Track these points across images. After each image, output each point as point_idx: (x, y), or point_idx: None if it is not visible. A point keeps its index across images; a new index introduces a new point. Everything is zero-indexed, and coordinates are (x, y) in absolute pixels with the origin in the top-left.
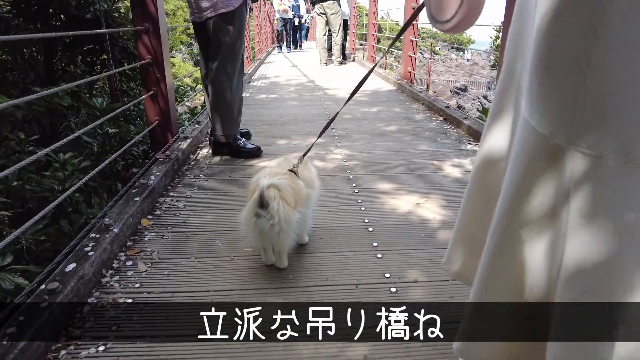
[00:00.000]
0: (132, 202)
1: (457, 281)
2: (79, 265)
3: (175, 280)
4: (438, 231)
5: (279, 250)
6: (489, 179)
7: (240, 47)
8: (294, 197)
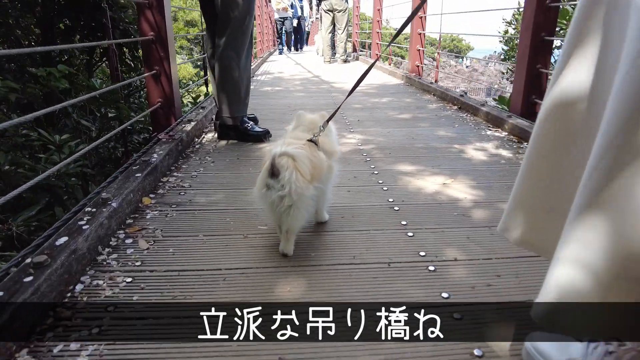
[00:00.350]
0: (132, 178)
1: (500, 259)
2: (71, 239)
3: (182, 258)
4: (472, 210)
5: (287, 229)
6: (568, 121)
7: (249, 23)
8: (311, 171)
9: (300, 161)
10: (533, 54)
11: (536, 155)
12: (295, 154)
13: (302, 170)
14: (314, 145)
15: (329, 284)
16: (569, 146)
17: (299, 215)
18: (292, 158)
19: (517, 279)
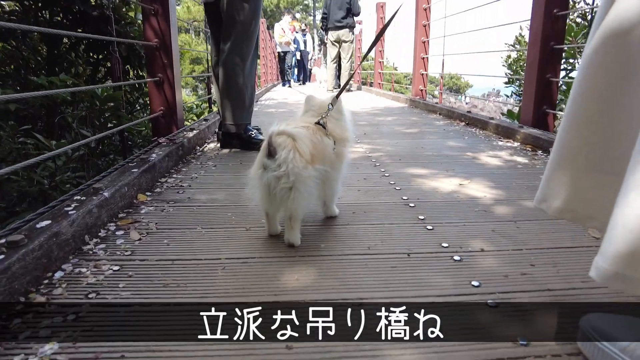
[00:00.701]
0: (128, 172)
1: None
2: (54, 222)
3: (177, 248)
4: (494, 207)
5: (290, 215)
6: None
7: (255, 29)
8: (312, 151)
9: (300, 140)
10: (542, 63)
11: (582, 101)
12: (295, 132)
13: (301, 149)
14: (322, 128)
15: (342, 273)
16: (623, 84)
17: (300, 198)
18: (291, 137)
19: (554, 268)
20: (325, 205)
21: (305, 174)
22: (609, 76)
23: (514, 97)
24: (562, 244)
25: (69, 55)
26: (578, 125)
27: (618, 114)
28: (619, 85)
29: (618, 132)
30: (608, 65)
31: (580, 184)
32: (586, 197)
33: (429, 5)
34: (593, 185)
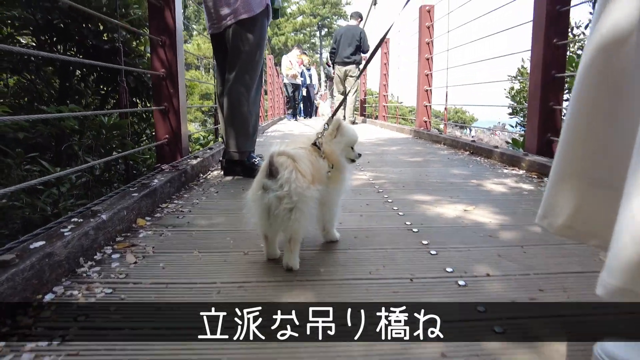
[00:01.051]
0: (128, 197)
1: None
2: (48, 243)
3: (173, 272)
4: (499, 232)
5: (290, 237)
6: (617, 62)
7: (259, 59)
8: (312, 172)
9: (300, 161)
10: (545, 91)
11: (579, 115)
12: (294, 153)
13: (302, 169)
14: (317, 149)
15: (341, 298)
16: (617, 98)
17: (301, 219)
18: (291, 158)
19: (564, 294)
20: (325, 229)
21: (308, 194)
22: (605, 89)
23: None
24: (571, 269)
25: (79, 86)
26: (575, 141)
27: (614, 128)
28: (613, 100)
29: (615, 146)
30: (604, 78)
31: (580, 199)
32: (587, 213)
33: (431, 39)
34: (593, 201)
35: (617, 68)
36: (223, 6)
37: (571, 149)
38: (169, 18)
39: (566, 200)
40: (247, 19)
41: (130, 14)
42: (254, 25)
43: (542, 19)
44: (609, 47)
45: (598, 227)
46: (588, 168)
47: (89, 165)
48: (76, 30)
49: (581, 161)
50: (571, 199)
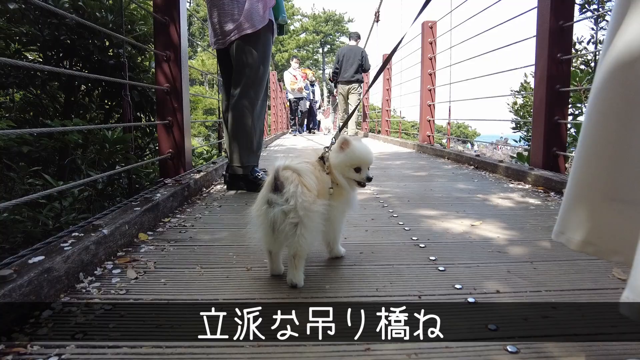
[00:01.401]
0: (130, 211)
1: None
2: (48, 258)
3: (174, 288)
4: (508, 247)
5: (295, 253)
6: (635, 79)
7: (264, 74)
8: (317, 186)
9: (306, 175)
10: (549, 105)
11: (596, 131)
12: (300, 167)
13: (307, 184)
14: (322, 164)
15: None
16: (638, 111)
17: (306, 234)
18: (296, 172)
19: (578, 311)
20: (329, 245)
21: (314, 209)
22: (622, 105)
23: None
24: (584, 286)
25: (84, 100)
26: (593, 154)
27: (635, 141)
28: (634, 112)
29: (636, 160)
30: (621, 95)
31: (600, 215)
32: (608, 229)
33: (434, 55)
34: (614, 216)
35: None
36: (227, 22)
37: (589, 163)
38: (174, 34)
39: (585, 216)
40: (250, 34)
41: (136, 30)
42: (257, 41)
43: (546, 35)
44: (630, 58)
45: (620, 244)
46: (607, 182)
47: (92, 179)
48: (82, 46)
49: (600, 175)
50: (590, 214)
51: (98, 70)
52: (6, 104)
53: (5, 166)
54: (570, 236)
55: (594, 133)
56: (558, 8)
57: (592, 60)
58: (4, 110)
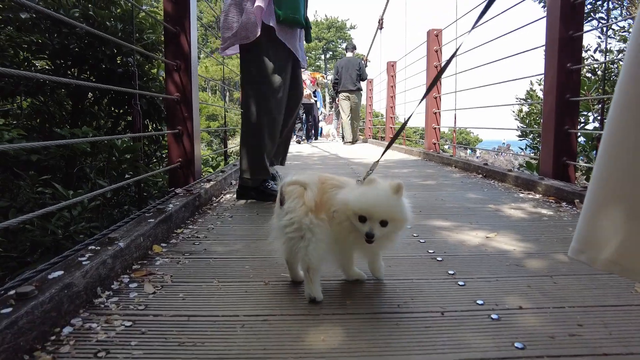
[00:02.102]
0: (144, 223)
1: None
2: (67, 273)
3: (193, 303)
4: (526, 261)
5: (307, 267)
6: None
7: (272, 84)
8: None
9: (310, 189)
10: (559, 115)
11: (621, 138)
12: (307, 180)
13: (306, 197)
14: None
15: (372, 334)
16: None
17: (309, 247)
18: (303, 186)
19: (606, 329)
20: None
21: (306, 221)
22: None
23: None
24: (607, 302)
25: (92, 109)
26: (616, 166)
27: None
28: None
29: None
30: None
31: (625, 232)
32: (634, 248)
33: (439, 62)
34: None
35: None
36: (226, 30)
37: (612, 176)
38: (184, 43)
39: (609, 233)
40: (247, 44)
41: (145, 38)
42: (257, 51)
43: (555, 44)
44: None
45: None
46: (633, 197)
47: (105, 190)
48: (91, 54)
49: (624, 189)
50: (615, 231)
51: (106, 79)
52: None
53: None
54: (592, 255)
55: (619, 143)
56: (568, 18)
57: (599, 68)
58: (12, 117)
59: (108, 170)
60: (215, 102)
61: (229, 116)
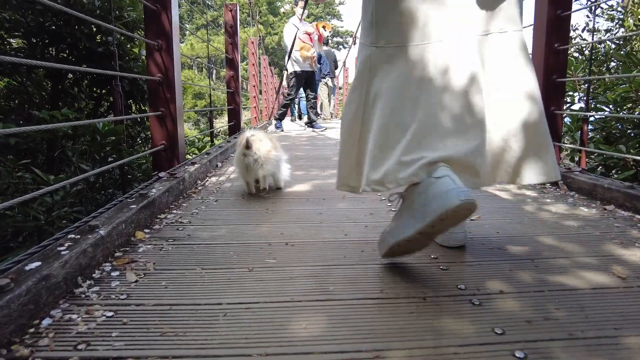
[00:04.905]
0: (126, 209)
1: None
2: (45, 264)
3: (175, 291)
4: (508, 245)
5: (263, 175)
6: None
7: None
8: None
9: (264, 139)
10: (546, 96)
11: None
12: (258, 134)
13: (264, 142)
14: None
15: (355, 321)
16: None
17: (267, 168)
18: (257, 138)
19: (582, 312)
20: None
21: (267, 157)
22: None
23: None
24: (585, 285)
25: (72, 90)
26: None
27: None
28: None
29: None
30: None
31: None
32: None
33: None
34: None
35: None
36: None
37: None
38: (165, 22)
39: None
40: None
41: (125, 16)
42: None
43: (544, 24)
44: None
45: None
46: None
47: (87, 175)
48: (69, 33)
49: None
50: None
51: (86, 58)
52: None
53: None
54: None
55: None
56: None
57: (586, 47)
58: None
59: (90, 154)
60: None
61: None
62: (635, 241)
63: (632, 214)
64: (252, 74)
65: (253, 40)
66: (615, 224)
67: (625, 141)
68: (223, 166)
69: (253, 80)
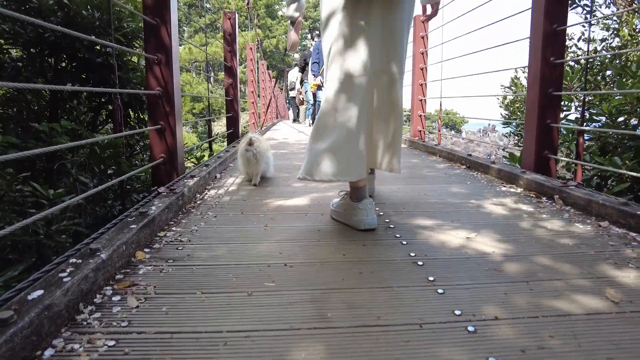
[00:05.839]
0: (127, 229)
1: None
2: (47, 292)
3: (176, 318)
4: (504, 264)
5: (256, 173)
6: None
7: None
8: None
9: (263, 140)
10: (542, 109)
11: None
12: (258, 136)
13: (263, 143)
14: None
15: (353, 350)
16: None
17: (262, 163)
18: (258, 139)
19: (575, 341)
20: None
21: (267, 154)
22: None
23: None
24: (578, 311)
25: (72, 102)
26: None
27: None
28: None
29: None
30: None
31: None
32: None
33: (425, 49)
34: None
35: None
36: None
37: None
38: (165, 36)
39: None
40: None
41: (124, 26)
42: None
43: (539, 38)
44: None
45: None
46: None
47: (89, 194)
48: (68, 44)
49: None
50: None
51: (85, 68)
52: None
53: None
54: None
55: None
56: (552, 11)
57: (582, 56)
58: None
59: (89, 166)
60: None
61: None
62: (629, 261)
63: (626, 231)
64: (250, 79)
65: (252, 46)
66: (609, 242)
67: (621, 151)
68: (222, 177)
69: (251, 85)
